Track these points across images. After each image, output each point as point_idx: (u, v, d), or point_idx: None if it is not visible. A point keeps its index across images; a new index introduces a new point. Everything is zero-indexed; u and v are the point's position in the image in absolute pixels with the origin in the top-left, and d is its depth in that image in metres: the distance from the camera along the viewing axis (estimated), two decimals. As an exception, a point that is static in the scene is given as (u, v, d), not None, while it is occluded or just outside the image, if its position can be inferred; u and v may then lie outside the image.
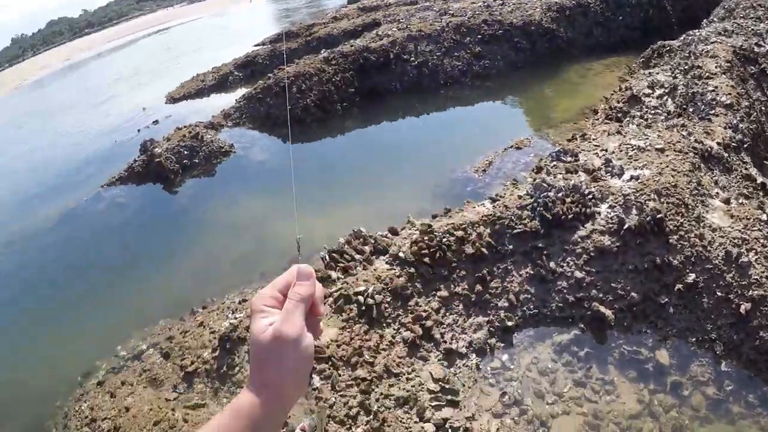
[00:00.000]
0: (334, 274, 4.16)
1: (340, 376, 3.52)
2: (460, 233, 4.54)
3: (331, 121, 10.87)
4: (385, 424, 3.35)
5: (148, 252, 7.88)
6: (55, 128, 17.57)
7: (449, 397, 3.68)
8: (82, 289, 7.28)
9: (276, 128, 10.84)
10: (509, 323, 4.28)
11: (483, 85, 11.02)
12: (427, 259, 4.32)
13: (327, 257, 4.25)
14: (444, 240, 4.46)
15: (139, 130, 12.87)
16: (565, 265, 4.34)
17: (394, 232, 4.74)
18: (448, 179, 7.52)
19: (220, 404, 4.13)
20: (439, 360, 3.92)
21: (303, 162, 9.27)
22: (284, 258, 6.26)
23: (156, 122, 13.01)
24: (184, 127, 10.37)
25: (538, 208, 4.54)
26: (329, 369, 3.55)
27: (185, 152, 9.63)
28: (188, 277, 6.91)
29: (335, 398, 3.44)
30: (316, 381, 3.48)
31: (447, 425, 3.51)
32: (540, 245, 4.44)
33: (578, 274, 4.24)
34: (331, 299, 3.97)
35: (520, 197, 4.75)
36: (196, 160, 9.66)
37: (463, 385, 3.84)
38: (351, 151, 9.85)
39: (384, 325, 3.93)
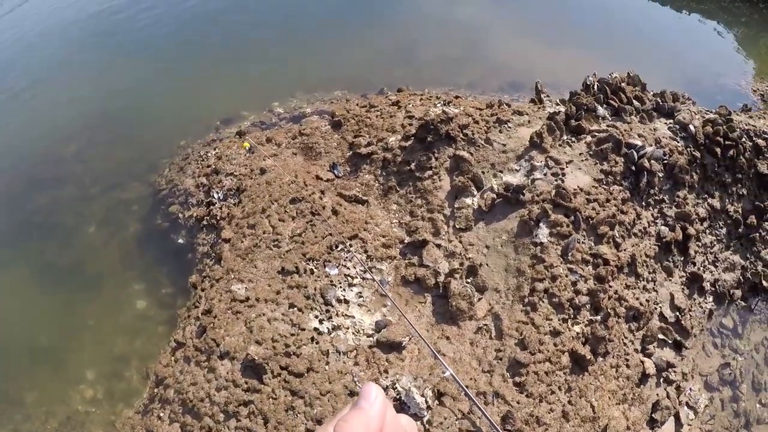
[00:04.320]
0: (601, 110, 2.96)
1: (579, 243, 2.52)
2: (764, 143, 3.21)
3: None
4: (607, 338, 2.42)
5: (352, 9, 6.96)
6: None
7: (678, 338, 2.70)
8: (254, 37, 6.50)
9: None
10: (765, 282, 3.13)
11: None
12: (718, 150, 3.06)
13: (596, 86, 3.02)
14: (743, 140, 3.15)
15: None
16: None
17: (676, 98, 3.40)
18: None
19: (385, 209, 3.18)
20: (681, 283, 2.86)
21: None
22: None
23: None
24: None
25: None
26: (567, 227, 2.54)
27: None
28: (383, 54, 5.97)
29: (561, 269, 2.48)
30: (544, 232, 2.50)
31: (664, 374, 2.59)
32: None
33: None
34: (591, 139, 2.84)
35: None
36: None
37: (691, 328, 2.83)
38: None
39: (644, 203, 2.83)
